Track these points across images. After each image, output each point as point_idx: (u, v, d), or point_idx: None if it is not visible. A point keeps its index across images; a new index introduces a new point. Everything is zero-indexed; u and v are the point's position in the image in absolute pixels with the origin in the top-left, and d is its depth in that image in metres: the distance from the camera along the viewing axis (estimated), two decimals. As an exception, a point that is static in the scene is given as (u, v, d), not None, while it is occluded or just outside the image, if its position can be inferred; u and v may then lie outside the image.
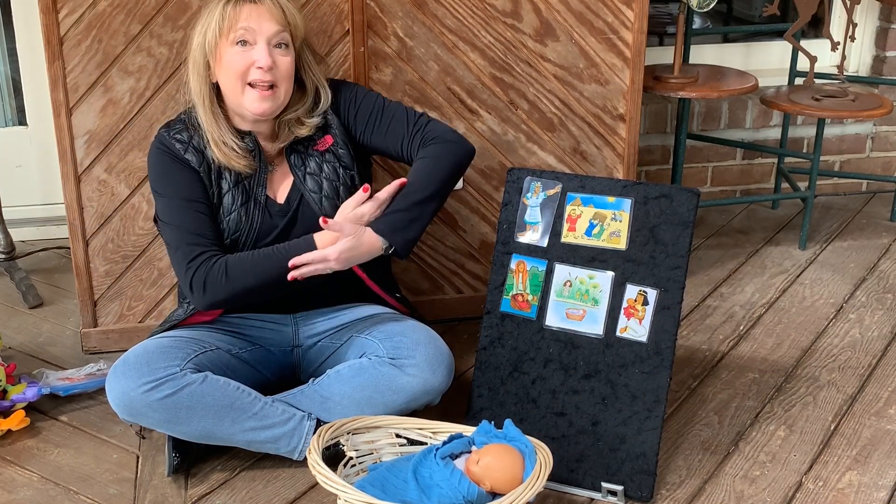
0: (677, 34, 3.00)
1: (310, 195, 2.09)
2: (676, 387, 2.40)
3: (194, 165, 2.06)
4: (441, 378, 2.04)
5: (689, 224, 2.04)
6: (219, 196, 2.07)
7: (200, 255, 2.01)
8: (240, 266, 2.00)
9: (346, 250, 1.97)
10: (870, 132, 3.58)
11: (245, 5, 2.00)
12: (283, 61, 2.01)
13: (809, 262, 3.09)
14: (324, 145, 2.12)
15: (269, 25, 1.99)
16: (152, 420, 1.97)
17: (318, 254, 1.97)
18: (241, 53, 1.99)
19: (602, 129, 2.62)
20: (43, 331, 2.68)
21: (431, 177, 2.06)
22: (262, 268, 1.99)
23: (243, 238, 2.07)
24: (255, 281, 1.99)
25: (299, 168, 2.11)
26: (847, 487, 2.05)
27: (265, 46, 1.99)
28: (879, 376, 2.45)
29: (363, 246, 1.99)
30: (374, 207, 2.03)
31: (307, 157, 2.12)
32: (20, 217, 3.16)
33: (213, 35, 2.01)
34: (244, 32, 1.99)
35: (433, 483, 1.80)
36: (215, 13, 2.01)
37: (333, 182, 2.10)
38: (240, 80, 2.01)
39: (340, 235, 1.98)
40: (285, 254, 1.99)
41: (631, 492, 1.99)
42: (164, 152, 2.07)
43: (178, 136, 2.08)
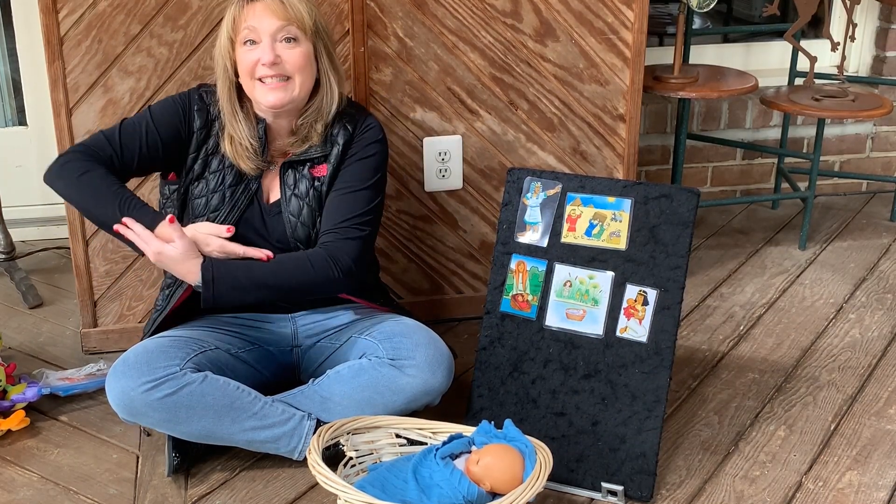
0: (677, 34, 3.00)
1: (288, 216, 2.10)
2: (676, 387, 2.40)
3: (193, 125, 2.10)
4: (441, 379, 2.04)
5: (689, 224, 2.04)
6: (203, 166, 2.10)
7: (79, 146, 2.06)
8: (87, 181, 2.01)
9: (167, 257, 1.97)
10: (870, 132, 3.58)
11: (248, 5, 2.02)
12: (290, 54, 2.02)
13: (809, 262, 3.09)
14: (319, 172, 2.12)
15: (270, 21, 2.00)
16: (152, 420, 1.97)
17: (146, 236, 1.97)
18: (248, 52, 2.02)
19: (602, 129, 2.62)
20: (43, 331, 2.68)
21: (287, 274, 2.02)
22: (101, 198, 2.00)
23: (220, 220, 2.08)
24: (82, 200, 2.02)
25: (289, 187, 2.11)
26: (847, 487, 2.05)
27: (269, 42, 2.00)
28: (879, 376, 2.45)
29: (181, 266, 1.98)
30: (220, 249, 2.02)
31: (300, 178, 2.11)
32: (20, 217, 3.16)
33: (227, 38, 2.05)
34: (248, 32, 2.02)
35: (433, 483, 1.80)
36: (227, 17, 2.05)
37: (315, 211, 2.10)
38: (250, 78, 2.04)
39: (176, 240, 1.97)
40: (129, 208, 1.99)
41: (631, 492, 1.99)
42: (182, 97, 2.14)
43: (204, 95, 2.12)
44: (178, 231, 1.98)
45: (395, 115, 2.51)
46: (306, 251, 2.07)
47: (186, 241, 1.98)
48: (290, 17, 2.02)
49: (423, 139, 2.54)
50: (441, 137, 2.55)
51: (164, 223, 1.98)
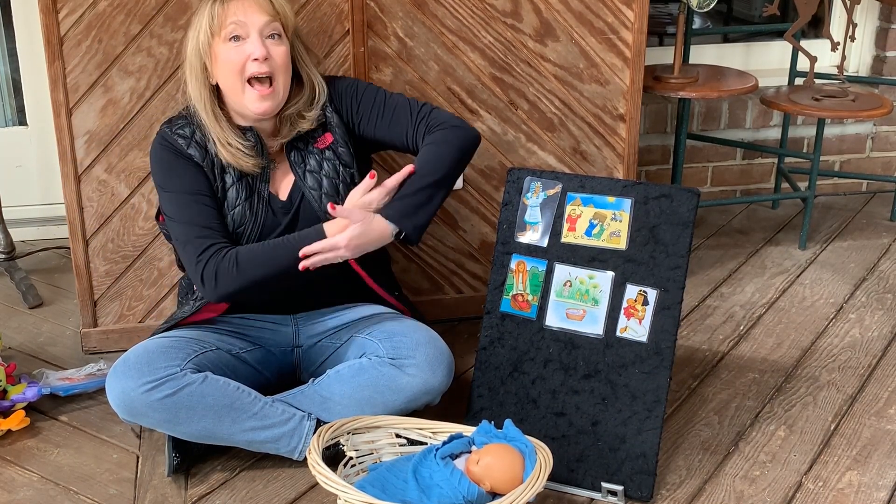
0: (677, 34, 3.00)
1: (309, 192, 2.09)
2: (676, 387, 2.40)
3: (197, 160, 2.06)
4: (441, 378, 2.04)
5: (689, 224, 2.04)
6: (223, 190, 2.07)
7: (210, 247, 2.00)
8: (251, 256, 1.99)
9: (356, 237, 1.97)
10: (870, 132, 3.58)
11: (232, 1, 2.00)
12: (277, 51, 2.01)
13: (809, 262, 3.09)
14: (323, 143, 2.12)
15: (258, 17, 1.99)
16: (152, 420, 1.97)
17: (329, 242, 1.97)
18: (235, 49, 1.99)
19: (602, 129, 2.62)
20: (43, 331, 2.68)
21: (438, 162, 2.06)
22: (272, 258, 1.99)
23: (248, 232, 2.07)
24: (266, 271, 1.99)
25: (299, 165, 2.11)
26: (847, 487, 2.05)
27: (258, 38, 1.99)
28: (879, 376, 2.45)
29: (373, 232, 1.99)
30: (382, 194, 2.03)
31: (307, 154, 2.12)
32: (20, 217, 3.16)
33: (206, 36, 2.01)
34: (235, 27, 1.99)
35: (433, 483, 1.80)
36: (204, 14, 2.01)
37: (333, 179, 2.10)
38: (238, 77, 2.00)
39: (349, 223, 1.97)
40: (296, 243, 1.98)
41: (631, 492, 1.99)
42: (166, 148, 2.07)
43: (181, 131, 2.08)
44: (344, 212, 1.97)
45: (395, 115, 2.51)
46: (432, 140, 2.08)
47: (357, 214, 1.98)
48: (277, 14, 2.01)
49: (423, 139, 2.54)
50: (441, 137, 2.55)
51: (329, 222, 2.00)
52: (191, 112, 2.09)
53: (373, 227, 1.99)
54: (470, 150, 2.12)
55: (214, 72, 2.03)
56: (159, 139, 2.09)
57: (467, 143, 2.10)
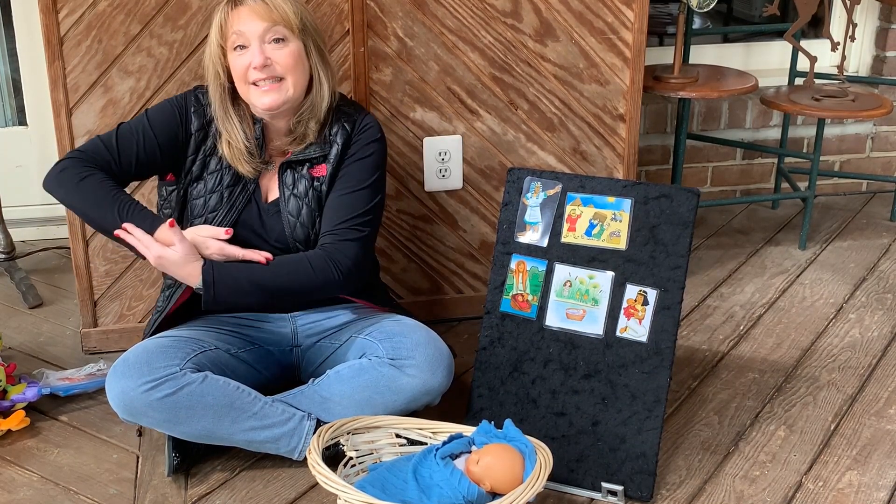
0: (677, 34, 3.00)
1: (287, 217, 2.09)
2: (676, 387, 2.40)
3: (191, 127, 2.09)
4: (441, 378, 2.04)
5: (689, 224, 2.04)
6: (201, 168, 2.10)
7: (78, 152, 2.06)
8: (85, 186, 2.01)
9: (167, 259, 1.96)
10: (870, 132, 3.58)
11: (233, 11, 2.03)
12: (279, 54, 2.02)
13: (809, 262, 3.09)
14: (318, 172, 2.12)
15: (256, 24, 2.00)
16: (152, 420, 1.97)
17: (147, 240, 1.97)
18: (239, 57, 2.03)
19: (602, 129, 2.62)
20: (43, 331, 2.68)
21: (290, 277, 2.02)
22: (101, 204, 2.00)
23: (218, 220, 2.08)
24: (83, 205, 2.02)
25: (288, 187, 2.11)
26: (847, 487, 2.05)
27: (258, 45, 2.00)
28: (879, 376, 2.45)
29: (182, 270, 1.98)
30: (219, 251, 2.02)
31: (299, 177, 2.11)
32: (20, 217, 3.16)
33: (217, 45, 2.05)
34: (237, 37, 2.02)
35: (433, 483, 1.80)
36: (215, 24, 2.05)
37: (314, 212, 2.10)
38: (243, 82, 2.04)
39: (175, 244, 1.97)
40: (130, 214, 1.99)
41: (631, 492, 1.99)
42: (179, 99, 2.13)
43: (201, 97, 2.12)
44: (178, 235, 1.97)
45: (395, 114, 2.51)
46: (306, 253, 2.06)
47: (187, 245, 1.98)
48: (276, 18, 2.01)
49: (423, 139, 2.54)
50: (441, 137, 2.55)
51: (164, 227, 1.98)
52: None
53: (185, 267, 1.97)
54: (323, 291, 2.06)
55: (231, 76, 2.07)
56: (182, 94, 2.15)
57: (320, 286, 2.03)
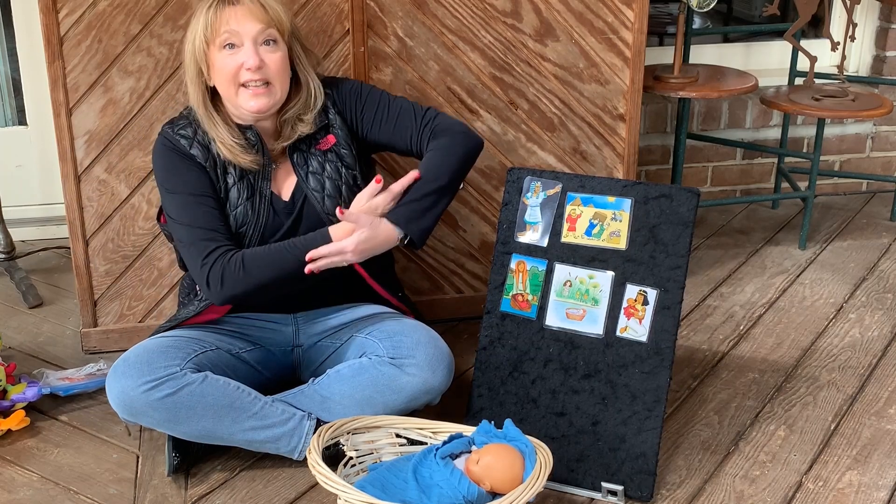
0: (677, 34, 3.00)
1: (312, 194, 2.09)
2: (676, 387, 2.40)
3: (200, 160, 2.06)
4: (441, 378, 2.05)
5: (689, 224, 2.04)
6: (225, 190, 2.08)
7: (216, 249, 2.01)
8: (257, 259, 2.00)
9: (362, 241, 1.98)
10: (870, 132, 3.58)
11: (225, 9, 2.00)
12: (271, 58, 2.01)
13: (809, 262, 3.09)
14: (326, 145, 2.12)
15: (251, 25, 1.99)
16: (152, 419, 1.97)
17: (335, 246, 1.97)
18: (229, 57, 2.00)
19: (602, 129, 2.62)
20: (43, 331, 2.68)
21: (443, 168, 2.06)
22: (279, 261, 1.99)
23: (250, 232, 2.07)
24: (272, 274, 1.99)
25: (301, 167, 2.11)
26: (847, 487, 2.05)
27: (252, 46, 1.99)
28: (879, 376, 2.45)
29: (379, 236, 2.00)
30: (387, 199, 2.03)
31: (309, 156, 2.12)
32: (20, 217, 3.16)
33: (201, 42, 2.02)
34: (228, 36, 2.00)
35: (433, 483, 1.80)
36: (200, 20, 2.02)
37: (336, 181, 2.11)
38: (232, 84, 2.02)
39: (356, 227, 1.98)
40: (302, 247, 1.99)
41: (631, 492, 1.99)
42: (169, 149, 2.08)
43: (183, 131, 2.08)
44: (350, 217, 1.98)
45: (395, 114, 2.51)
46: (435, 145, 2.09)
47: (364, 219, 1.99)
48: (271, 20, 2.01)
49: (423, 139, 2.54)
50: (441, 137, 2.55)
51: (335, 226, 2.00)
52: (192, 110, 2.10)
53: (379, 231, 2.00)
54: (473, 157, 2.13)
55: (210, 76, 2.04)
56: (161, 140, 2.10)
57: (471, 149, 2.12)
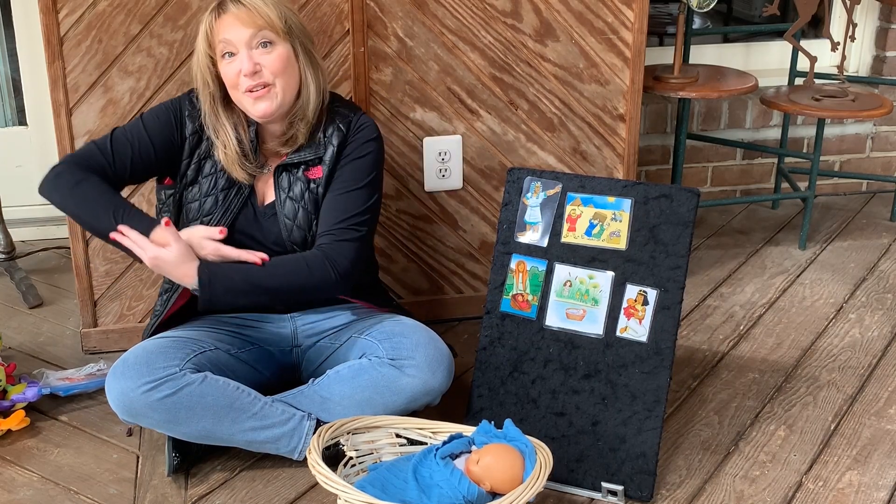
0: (677, 34, 3.00)
1: (283, 219, 2.09)
2: (676, 387, 2.40)
3: (185, 131, 2.09)
4: (441, 379, 2.05)
5: (689, 224, 2.04)
6: (195, 172, 2.10)
7: (73, 157, 2.05)
8: (78, 190, 2.01)
9: (162, 261, 1.96)
10: (870, 132, 3.58)
11: (220, 17, 2.01)
12: (267, 59, 2.00)
13: (809, 262, 3.09)
14: (314, 175, 2.11)
15: (241, 31, 1.99)
16: (152, 420, 1.97)
17: (143, 242, 1.96)
18: (229, 65, 2.02)
19: (602, 129, 2.62)
20: (43, 331, 2.68)
21: (284, 277, 2.01)
22: (93, 208, 2.00)
23: (214, 224, 2.07)
24: (77, 211, 2.02)
25: (283, 189, 2.10)
26: (847, 487, 2.05)
27: (246, 52, 1.99)
28: (879, 376, 2.45)
29: (178, 270, 1.97)
30: (213, 252, 2.01)
31: (295, 180, 2.10)
32: (20, 217, 3.16)
33: (206, 54, 2.04)
34: (225, 45, 2.01)
35: (433, 483, 1.80)
36: (201, 33, 2.04)
37: (310, 214, 2.10)
38: (235, 90, 2.03)
39: (168, 245, 1.96)
40: (123, 214, 1.98)
41: (631, 492, 1.99)
42: (174, 103, 2.13)
43: (196, 101, 2.11)
44: (173, 235, 1.97)
45: (395, 115, 2.51)
46: (303, 253, 2.06)
47: (182, 245, 1.97)
48: (260, 23, 1.99)
49: (423, 139, 2.54)
50: (441, 137, 2.55)
51: (160, 228, 1.98)
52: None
53: (181, 267, 1.96)
54: (320, 292, 2.06)
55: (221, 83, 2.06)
56: (177, 98, 2.15)
57: (318, 286, 2.03)
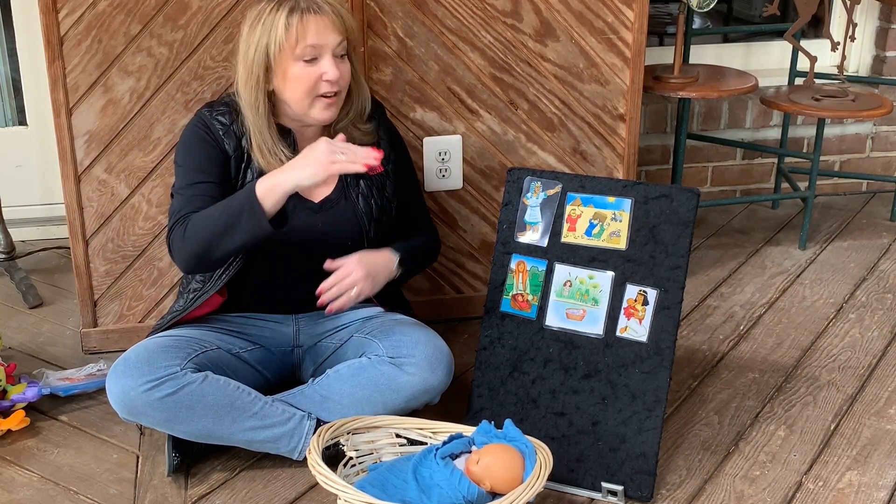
0: (677, 34, 3.00)
1: (361, 216, 2.12)
2: (676, 387, 2.40)
3: (228, 149, 2.05)
4: (440, 377, 2.05)
5: (689, 224, 2.04)
6: (243, 184, 2.06)
7: (185, 216, 1.99)
8: (198, 224, 1.97)
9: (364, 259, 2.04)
10: (870, 132, 3.58)
11: (311, 18, 1.95)
12: (345, 69, 2.02)
13: (809, 262, 3.09)
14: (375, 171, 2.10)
15: (333, 37, 1.98)
16: (152, 419, 1.97)
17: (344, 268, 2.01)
18: (309, 68, 1.98)
19: (602, 129, 2.62)
20: (43, 331, 2.68)
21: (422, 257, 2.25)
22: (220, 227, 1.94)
23: None
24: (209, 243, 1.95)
25: (354, 188, 2.12)
26: (847, 487, 2.05)
27: (331, 59, 1.98)
28: (879, 376, 2.45)
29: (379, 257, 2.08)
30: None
31: (362, 176, 2.12)
32: (20, 217, 3.16)
33: (278, 46, 1.96)
34: (310, 48, 1.96)
35: (433, 483, 1.80)
36: (278, 23, 1.95)
37: (376, 202, 2.15)
38: (308, 95, 1.99)
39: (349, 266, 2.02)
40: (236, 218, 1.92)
41: (631, 492, 1.99)
42: (200, 128, 2.07)
43: (221, 118, 2.07)
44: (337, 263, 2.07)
45: (395, 114, 2.50)
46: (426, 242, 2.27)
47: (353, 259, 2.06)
48: (346, 32, 2.00)
49: (423, 139, 2.54)
50: (441, 137, 2.55)
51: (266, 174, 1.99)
52: (233, 98, 2.07)
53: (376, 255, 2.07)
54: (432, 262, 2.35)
55: (279, 82, 2.01)
56: (196, 120, 2.09)
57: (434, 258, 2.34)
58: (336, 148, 1.91)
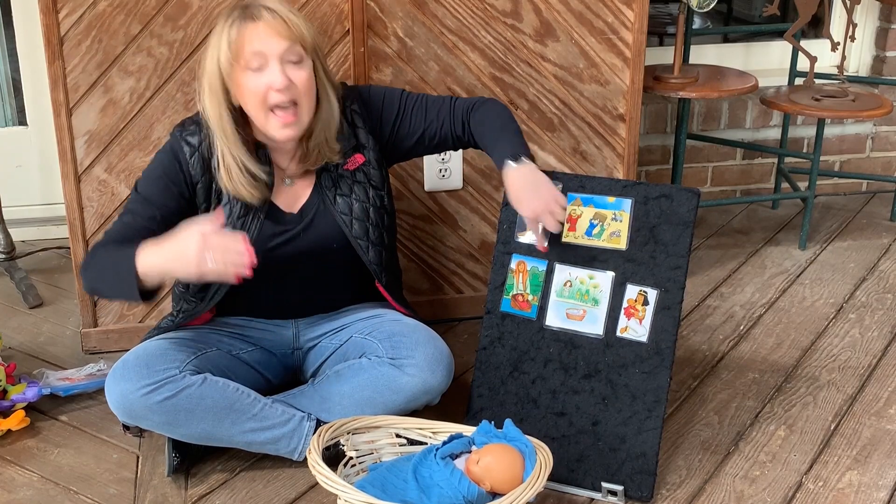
0: (677, 34, 3.00)
1: (340, 217, 2.06)
2: (676, 387, 2.40)
3: (195, 175, 2.00)
4: (440, 378, 2.04)
5: (690, 224, 2.04)
6: (215, 204, 2.03)
7: (98, 243, 1.97)
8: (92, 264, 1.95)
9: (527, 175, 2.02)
10: (870, 132, 3.58)
11: (247, 26, 1.90)
12: (298, 76, 1.92)
13: (809, 262, 3.09)
14: (353, 164, 2.08)
15: (277, 43, 1.90)
16: (152, 422, 1.97)
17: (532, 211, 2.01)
18: (256, 78, 1.91)
19: (602, 129, 2.62)
20: (43, 331, 2.68)
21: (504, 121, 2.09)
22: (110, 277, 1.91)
23: None
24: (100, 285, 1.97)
25: (329, 189, 2.07)
26: (847, 487, 2.05)
27: (278, 66, 1.90)
28: (879, 376, 2.45)
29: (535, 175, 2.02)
30: None
31: (338, 177, 2.08)
32: (20, 217, 3.16)
33: (227, 61, 1.92)
34: (253, 56, 1.90)
35: (433, 483, 1.80)
36: (223, 38, 1.92)
37: (363, 203, 2.09)
38: (262, 107, 1.93)
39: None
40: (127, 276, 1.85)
41: (631, 492, 1.99)
42: (168, 154, 2.02)
43: (190, 138, 2.02)
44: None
45: (395, 115, 2.50)
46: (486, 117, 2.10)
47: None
48: (295, 36, 1.91)
49: (423, 139, 2.54)
50: (441, 137, 2.55)
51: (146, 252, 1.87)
52: (202, 121, 2.01)
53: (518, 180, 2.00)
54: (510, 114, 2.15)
55: (237, 96, 1.95)
56: (167, 146, 2.04)
57: (506, 109, 2.14)
58: (208, 245, 1.77)
